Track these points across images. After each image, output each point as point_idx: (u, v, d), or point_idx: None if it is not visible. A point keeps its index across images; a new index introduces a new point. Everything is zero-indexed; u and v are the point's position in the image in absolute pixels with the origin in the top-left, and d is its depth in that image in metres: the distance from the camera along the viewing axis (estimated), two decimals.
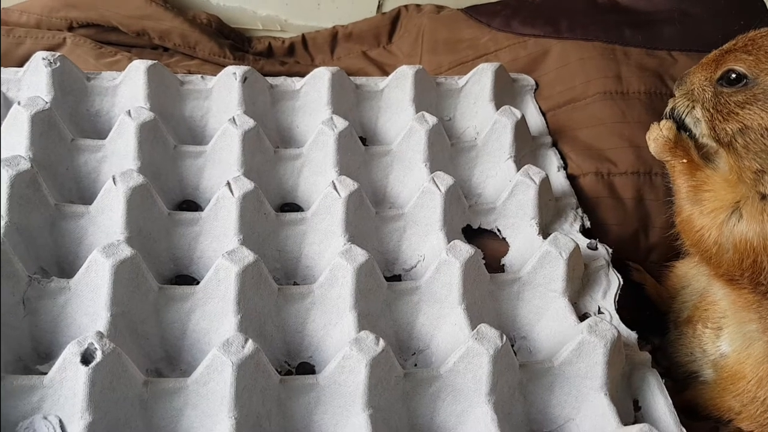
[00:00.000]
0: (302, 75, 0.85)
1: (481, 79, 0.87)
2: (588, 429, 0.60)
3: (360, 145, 0.78)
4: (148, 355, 0.60)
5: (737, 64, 0.61)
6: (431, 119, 0.78)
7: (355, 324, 0.61)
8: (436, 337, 0.66)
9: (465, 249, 0.65)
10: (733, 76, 0.61)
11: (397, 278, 0.72)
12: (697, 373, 0.71)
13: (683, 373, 0.72)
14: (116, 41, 0.93)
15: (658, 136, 0.69)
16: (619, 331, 0.61)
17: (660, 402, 0.62)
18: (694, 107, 0.64)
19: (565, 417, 0.61)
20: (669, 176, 0.71)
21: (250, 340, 0.53)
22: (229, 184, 0.67)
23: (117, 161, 0.72)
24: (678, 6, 0.96)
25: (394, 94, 0.85)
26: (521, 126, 0.81)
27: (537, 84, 0.93)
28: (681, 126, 0.68)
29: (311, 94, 0.83)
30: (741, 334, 0.66)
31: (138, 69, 0.77)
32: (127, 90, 0.78)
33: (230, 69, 0.80)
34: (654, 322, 0.78)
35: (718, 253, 0.63)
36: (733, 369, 0.66)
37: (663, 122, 0.70)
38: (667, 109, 0.69)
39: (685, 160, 0.68)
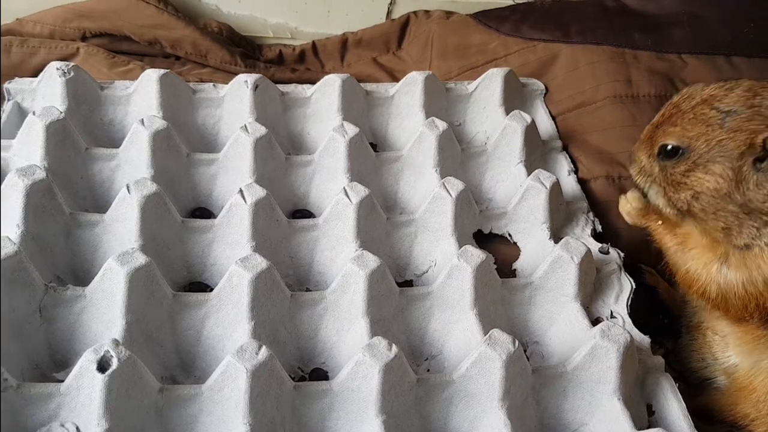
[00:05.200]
0: (313, 82, 0.86)
1: (490, 84, 0.87)
2: None
3: (371, 151, 0.79)
4: (162, 362, 0.61)
5: (667, 138, 0.62)
6: (441, 125, 0.79)
7: (367, 330, 0.61)
8: (448, 342, 0.66)
9: (476, 254, 0.65)
10: (669, 148, 0.62)
11: (409, 284, 0.72)
12: (710, 379, 0.71)
13: (697, 378, 0.72)
14: (129, 50, 0.94)
15: (629, 210, 0.71)
16: (632, 336, 0.61)
17: (674, 406, 0.62)
18: (651, 184, 0.65)
19: (579, 422, 0.61)
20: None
21: (263, 347, 0.53)
22: (241, 191, 0.67)
23: (131, 170, 0.72)
24: (687, 9, 0.95)
25: (404, 100, 0.86)
26: (531, 130, 0.81)
27: (547, 88, 0.93)
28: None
29: (322, 101, 0.84)
30: (749, 361, 0.66)
31: (150, 78, 0.78)
32: (140, 99, 0.79)
33: (242, 77, 0.81)
34: (667, 325, 0.78)
35: (723, 301, 0.64)
36: (744, 382, 0.66)
37: (629, 194, 0.71)
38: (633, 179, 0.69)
39: (660, 222, 0.69)
